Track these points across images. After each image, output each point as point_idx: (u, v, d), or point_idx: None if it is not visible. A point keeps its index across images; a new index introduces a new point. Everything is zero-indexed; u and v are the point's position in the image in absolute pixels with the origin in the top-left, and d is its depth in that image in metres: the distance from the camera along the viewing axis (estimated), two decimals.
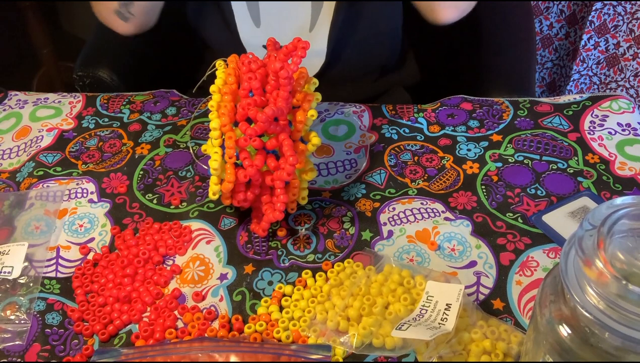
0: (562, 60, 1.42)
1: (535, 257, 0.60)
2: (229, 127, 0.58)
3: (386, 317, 0.54)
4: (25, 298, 0.59)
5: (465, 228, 0.63)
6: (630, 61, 1.36)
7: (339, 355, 0.53)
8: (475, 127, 0.75)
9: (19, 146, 0.77)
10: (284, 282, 0.60)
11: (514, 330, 0.53)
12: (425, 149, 0.72)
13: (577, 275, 0.38)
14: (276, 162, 0.59)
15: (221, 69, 0.63)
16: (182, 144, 0.75)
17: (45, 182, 0.71)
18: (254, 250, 0.63)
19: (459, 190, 0.67)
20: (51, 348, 0.55)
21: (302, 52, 0.60)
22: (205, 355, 0.50)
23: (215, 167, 0.58)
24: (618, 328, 0.36)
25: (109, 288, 0.60)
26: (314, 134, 0.62)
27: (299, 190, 0.62)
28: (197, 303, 0.58)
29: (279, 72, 0.58)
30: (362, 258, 0.61)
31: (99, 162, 0.74)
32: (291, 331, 0.55)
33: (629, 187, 0.66)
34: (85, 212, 0.68)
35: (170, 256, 0.63)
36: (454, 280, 0.57)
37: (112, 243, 0.64)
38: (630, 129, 0.72)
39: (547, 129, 0.73)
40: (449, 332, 0.50)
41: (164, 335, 0.55)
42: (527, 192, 0.66)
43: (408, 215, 0.64)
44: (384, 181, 0.69)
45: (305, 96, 0.61)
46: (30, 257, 0.62)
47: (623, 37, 1.33)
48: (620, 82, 1.40)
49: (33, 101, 0.83)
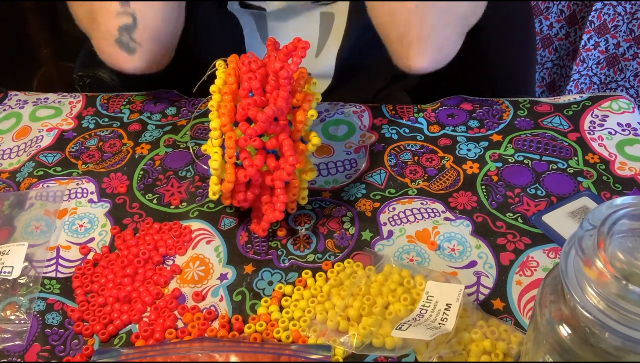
0: (562, 60, 1.42)
1: (535, 257, 0.60)
2: (229, 127, 0.58)
3: (386, 317, 0.54)
4: (25, 298, 0.59)
5: (465, 228, 0.63)
6: (630, 61, 1.36)
7: (339, 355, 0.53)
8: (475, 127, 0.75)
9: (19, 146, 0.77)
10: (284, 282, 0.60)
11: (514, 330, 0.53)
12: (425, 149, 0.72)
13: (577, 275, 0.38)
14: (276, 162, 0.59)
15: (221, 69, 0.63)
16: (182, 144, 0.75)
17: (45, 182, 0.71)
18: (254, 250, 0.63)
19: (459, 190, 0.67)
20: (51, 348, 0.55)
21: (302, 52, 0.60)
22: (205, 355, 0.50)
23: (216, 167, 0.58)
24: (618, 328, 0.36)
25: (109, 288, 0.60)
26: (314, 134, 0.62)
27: (299, 190, 0.62)
28: (197, 303, 0.58)
29: (279, 72, 0.58)
30: (362, 258, 0.61)
31: (99, 162, 0.74)
32: (291, 331, 0.55)
33: (629, 187, 0.66)
34: (86, 212, 0.68)
35: (170, 256, 0.63)
36: (454, 280, 0.57)
37: (112, 244, 0.64)
38: (630, 129, 0.72)
39: (547, 129, 0.73)
40: (449, 332, 0.50)
41: (164, 335, 0.55)
42: (527, 192, 0.66)
43: (408, 215, 0.64)
44: (384, 181, 0.69)
45: (305, 96, 0.61)
46: (30, 257, 0.62)
47: (623, 37, 1.33)
48: (620, 82, 1.40)
49: (33, 101, 0.83)
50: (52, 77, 1.69)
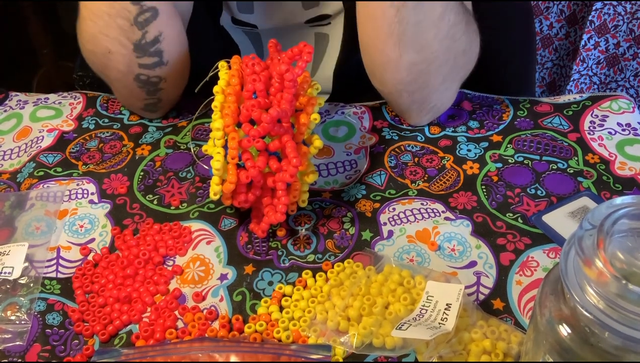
0: (562, 60, 1.42)
1: (535, 257, 0.60)
2: (232, 127, 0.58)
3: (386, 317, 0.54)
4: (25, 298, 0.59)
5: (465, 229, 0.63)
6: (630, 61, 1.36)
7: (339, 355, 0.53)
8: (475, 127, 0.75)
9: (19, 147, 0.77)
10: (284, 282, 0.60)
11: (514, 330, 0.53)
12: (425, 150, 0.72)
13: (577, 274, 0.38)
14: (278, 163, 0.59)
15: (224, 70, 0.63)
16: (182, 145, 0.75)
17: (45, 182, 0.71)
18: (254, 250, 0.63)
19: (459, 190, 0.67)
20: (52, 349, 0.56)
21: (307, 57, 0.60)
22: (206, 355, 0.50)
23: (218, 168, 0.58)
24: (618, 328, 0.36)
25: (109, 288, 0.60)
26: (316, 136, 0.62)
27: (300, 193, 0.62)
28: (197, 304, 0.58)
29: (284, 75, 0.58)
30: (362, 259, 0.61)
31: (100, 162, 0.74)
32: (291, 331, 0.55)
33: (629, 187, 0.66)
34: (86, 213, 0.68)
35: (171, 256, 0.63)
36: (454, 280, 0.57)
37: (113, 244, 0.64)
38: (630, 128, 0.72)
39: (547, 129, 0.73)
40: (449, 332, 0.50)
41: (164, 335, 0.56)
42: (527, 192, 0.66)
43: (408, 215, 0.64)
44: (384, 182, 0.69)
45: (309, 100, 0.62)
46: (30, 258, 0.63)
47: (623, 37, 1.33)
48: (620, 82, 1.40)
49: (33, 101, 0.83)
50: (52, 77, 1.69)
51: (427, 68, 0.67)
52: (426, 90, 0.70)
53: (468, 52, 0.70)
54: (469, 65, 0.72)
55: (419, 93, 0.70)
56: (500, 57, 0.94)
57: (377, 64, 0.68)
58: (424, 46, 0.65)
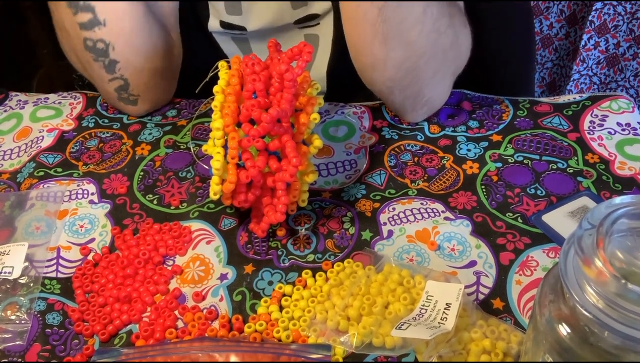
0: (562, 60, 1.42)
1: (535, 257, 0.60)
2: (232, 127, 0.58)
3: (386, 317, 0.54)
4: (25, 298, 0.59)
5: (465, 228, 0.63)
6: (630, 61, 1.36)
7: (339, 355, 0.53)
8: (475, 127, 0.75)
9: (19, 147, 0.77)
10: (284, 282, 0.60)
11: (513, 329, 0.53)
12: (425, 149, 0.72)
13: (577, 274, 0.38)
14: (278, 163, 0.59)
15: (224, 70, 0.63)
16: (182, 145, 0.75)
17: (45, 182, 0.71)
18: (254, 250, 0.63)
19: (459, 190, 0.67)
20: (52, 348, 0.56)
21: (307, 56, 0.60)
22: (206, 355, 0.50)
23: (218, 167, 0.58)
24: (617, 327, 0.36)
25: (109, 288, 0.60)
26: (316, 136, 0.62)
27: (300, 193, 0.62)
28: (197, 303, 0.58)
29: (284, 74, 0.58)
30: (362, 258, 0.61)
31: (100, 162, 0.74)
32: (291, 331, 0.55)
33: (628, 186, 0.66)
34: (86, 213, 0.68)
35: (171, 256, 0.63)
36: (453, 279, 0.57)
37: (113, 244, 0.64)
38: (630, 128, 0.72)
39: (546, 129, 0.73)
40: (449, 332, 0.51)
41: (164, 335, 0.56)
42: (526, 192, 0.66)
43: (408, 215, 0.65)
44: (384, 182, 0.69)
45: (309, 100, 0.62)
46: (30, 257, 0.63)
47: (623, 37, 1.33)
48: (620, 82, 1.40)
49: (33, 101, 0.83)
50: (52, 77, 1.69)
51: (415, 63, 0.67)
52: (417, 85, 0.70)
53: (456, 44, 0.70)
54: (460, 58, 0.72)
55: (410, 89, 0.70)
56: (500, 57, 0.94)
57: (366, 64, 0.69)
58: (411, 42, 0.65)
